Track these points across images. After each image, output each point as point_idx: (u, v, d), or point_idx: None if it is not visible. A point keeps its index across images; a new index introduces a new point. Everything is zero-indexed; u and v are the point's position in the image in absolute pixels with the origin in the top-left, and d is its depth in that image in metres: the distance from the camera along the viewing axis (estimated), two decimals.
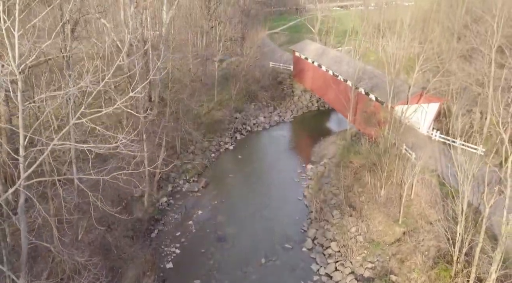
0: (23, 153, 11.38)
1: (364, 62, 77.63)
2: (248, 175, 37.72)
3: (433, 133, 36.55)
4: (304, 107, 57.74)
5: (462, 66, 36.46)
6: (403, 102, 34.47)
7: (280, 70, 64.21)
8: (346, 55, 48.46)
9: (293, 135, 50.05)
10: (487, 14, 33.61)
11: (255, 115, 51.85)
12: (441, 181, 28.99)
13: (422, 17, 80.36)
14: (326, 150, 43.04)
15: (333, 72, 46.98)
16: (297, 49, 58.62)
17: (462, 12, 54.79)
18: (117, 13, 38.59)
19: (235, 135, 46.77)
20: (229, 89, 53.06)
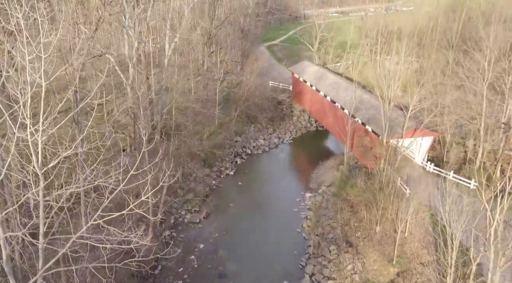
0: (43, 245, 12.45)
1: (362, 79, 78.98)
2: (248, 204, 38.78)
3: (427, 164, 37.62)
4: (302, 128, 58.86)
5: (456, 100, 37.51)
6: (398, 136, 35.60)
7: (280, 89, 65.39)
8: (344, 81, 49.45)
9: (292, 159, 51.17)
10: (478, 52, 34.69)
11: (255, 138, 52.96)
12: (434, 219, 30.07)
13: (419, 33, 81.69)
14: (324, 176, 44.16)
15: (331, 98, 48.09)
16: (296, 70, 59.74)
17: (457, 38, 55.97)
18: (121, 48, 39.62)
19: (236, 159, 47.87)
20: (229, 110, 54.22)
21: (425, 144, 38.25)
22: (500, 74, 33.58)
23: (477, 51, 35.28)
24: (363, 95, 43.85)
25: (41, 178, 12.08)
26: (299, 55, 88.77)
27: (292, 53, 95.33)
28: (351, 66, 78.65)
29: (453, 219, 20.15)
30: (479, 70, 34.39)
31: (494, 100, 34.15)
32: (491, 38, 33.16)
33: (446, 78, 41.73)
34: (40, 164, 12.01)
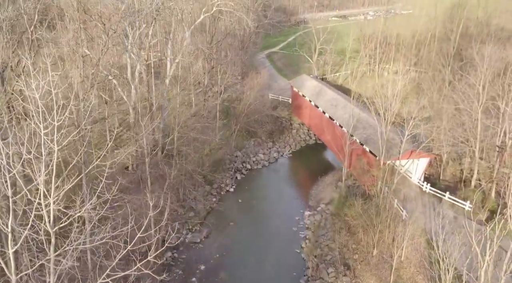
0: None
1: (361, 89, 79.62)
2: (248, 223, 39.51)
3: (424, 184, 38.33)
4: (302, 141, 59.60)
5: (451, 122, 38.23)
6: (395, 158, 36.34)
7: (279, 101, 66.09)
8: (343, 97, 50.14)
9: (292, 174, 51.94)
10: (473, 75, 35.39)
11: (254, 152, 53.66)
12: (430, 242, 30.76)
13: (417, 44, 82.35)
14: (323, 193, 44.89)
15: (329, 116, 48.82)
16: (295, 85, 60.47)
17: (453, 53, 56.70)
18: (124, 71, 40.34)
19: (236, 175, 48.57)
20: (229, 124, 54.99)
21: (421, 164, 38.99)
22: (495, 98, 34.32)
23: (472, 73, 35.95)
24: (361, 113, 44.53)
25: (53, 236, 12.81)
26: (298, 65, 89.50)
27: (291, 62, 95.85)
28: (350, 76, 79.45)
29: (446, 255, 20.83)
30: (474, 95, 35.11)
31: (489, 124, 34.85)
32: (485, 64, 33.87)
33: (443, 99, 42.36)
34: (52, 223, 12.74)
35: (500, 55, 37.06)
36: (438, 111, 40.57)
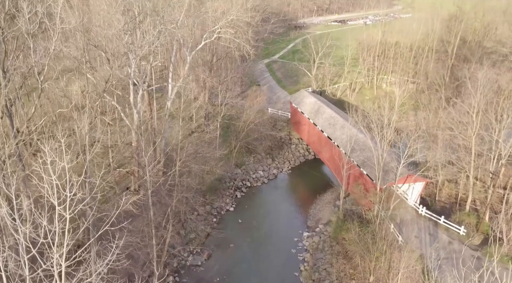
0: None
1: (359, 101, 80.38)
2: (248, 244, 40.37)
3: (419, 207, 39.21)
4: (301, 156, 60.49)
5: (446, 146, 39.11)
6: (391, 183, 37.24)
7: (278, 116, 67.00)
8: (340, 117, 50.95)
9: (291, 192, 52.80)
10: (466, 103, 36.24)
11: (254, 169, 54.54)
12: (425, 270, 31.65)
13: (415, 55, 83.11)
14: (321, 212, 45.78)
15: (327, 135, 49.69)
16: (294, 101, 61.37)
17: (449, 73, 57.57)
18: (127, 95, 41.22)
19: (236, 193, 49.45)
20: (229, 140, 55.89)
21: (417, 187, 39.87)
22: (488, 126, 35.21)
23: (466, 96, 36.66)
24: (358, 134, 45.35)
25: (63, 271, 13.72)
26: (297, 76, 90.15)
27: (291, 72, 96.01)
28: (349, 89, 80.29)
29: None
30: (467, 121, 36.00)
31: (482, 151, 35.74)
32: (478, 93, 34.74)
33: (438, 121, 43.11)
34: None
35: (493, 79, 37.78)
36: (434, 136, 41.40)
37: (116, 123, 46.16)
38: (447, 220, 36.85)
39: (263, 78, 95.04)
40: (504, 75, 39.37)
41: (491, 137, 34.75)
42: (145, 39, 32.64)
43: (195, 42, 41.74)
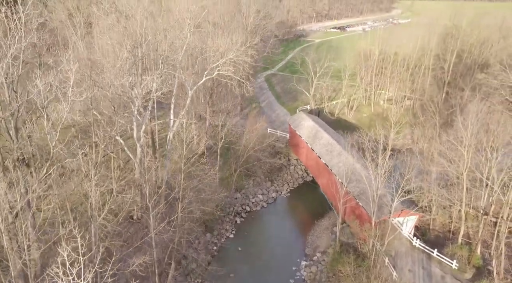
0: None
1: (356, 120, 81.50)
2: (248, 274, 41.57)
3: (413, 239, 40.48)
4: (299, 178, 61.73)
5: (439, 181, 40.39)
6: (386, 217, 38.52)
7: (277, 136, 68.17)
8: (338, 143, 52.19)
9: (289, 216, 54.02)
10: (458, 143, 37.45)
11: (253, 193, 55.80)
12: None
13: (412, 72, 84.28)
14: (319, 240, 47.04)
15: (325, 162, 50.95)
16: (292, 123, 62.68)
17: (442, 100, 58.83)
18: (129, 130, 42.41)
19: (235, 218, 50.71)
20: (229, 162, 57.19)
21: (411, 219, 41.15)
22: (478, 165, 36.45)
23: (458, 133, 37.85)
24: (355, 164, 46.62)
25: None
26: (296, 91, 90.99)
27: (290, 87, 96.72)
28: (346, 107, 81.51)
29: None
30: (458, 159, 37.27)
31: (472, 188, 37.02)
32: (468, 132, 35.99)
33: (431, 157, 44.28)
34: None
35: (483, 119, 38.86)
36: (428, 172, 42.64)
37: (120, 155, 47.41)
38: (440, 252, 38.12)
39: (263, 93, 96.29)
40: (494, 113, 40.63)
41: (481, 174, 36.01)
42: (148, 80, 33.96)
43: (197, 76, 42.98)
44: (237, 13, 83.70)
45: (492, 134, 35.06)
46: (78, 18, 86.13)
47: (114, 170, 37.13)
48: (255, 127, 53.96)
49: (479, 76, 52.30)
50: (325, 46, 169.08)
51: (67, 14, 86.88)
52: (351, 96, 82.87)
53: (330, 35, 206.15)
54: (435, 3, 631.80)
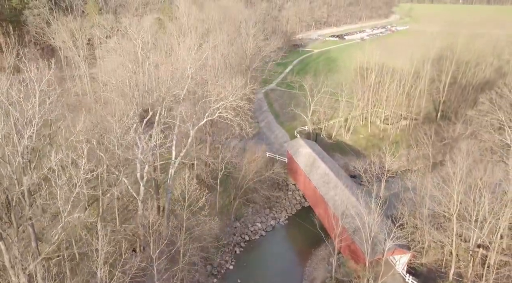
0: None
1: (353, 141, 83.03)
2: None
3: (406, 276, 42.14)
4: (297, 204, 63.34)
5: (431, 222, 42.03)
6: (379, 257, 40.15)
7: (276, 160, 69.74)
8: (334, 174, 53.78)
9: (287, 246, 55.60)
10: (448, 185, 39.10)
11: (252, 221, 57.38)
12: None
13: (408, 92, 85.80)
14: (315, 271, 48.67)
15: (321, 194, 52.56)
16: (290, 149, 64.33)
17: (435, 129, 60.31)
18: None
19: (235, 249, 52.28)
20: (229, 189, 58.84)
21: (404, 256, 42.81)
22: (467, 206, 38.11)
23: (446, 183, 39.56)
24: (350, 197, 48.26)
25: None
26: (295, 100, 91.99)
27: (288, 104, 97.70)
28: (343, 128, 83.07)
29: None
30: (448, 201, 38.95)
31: (463, 230, 38.68)
32: (458, 177, 37.66)
33: (423, 196, 45.79)
34: None
35: (472, 166, 40.41)
36: (421, 211, 44.25)
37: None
38: None
39: (262, 111, 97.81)
40: (484, 151, 42.29)
41: (470, 217, 37.68)
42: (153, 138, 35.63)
43: (198, 117, 44.61)
44: (237, 36, 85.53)
45: (480, 180, 36.68)
46: (80, 40, 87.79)
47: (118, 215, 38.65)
48: (254, 157, 55.53)
49: (469, 112, 53.80)
50: (323, 58, 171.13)
51: (70, 35, 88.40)
52: (349, 114, 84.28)
53: (328, 44, 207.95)
54: (433, 6, 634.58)
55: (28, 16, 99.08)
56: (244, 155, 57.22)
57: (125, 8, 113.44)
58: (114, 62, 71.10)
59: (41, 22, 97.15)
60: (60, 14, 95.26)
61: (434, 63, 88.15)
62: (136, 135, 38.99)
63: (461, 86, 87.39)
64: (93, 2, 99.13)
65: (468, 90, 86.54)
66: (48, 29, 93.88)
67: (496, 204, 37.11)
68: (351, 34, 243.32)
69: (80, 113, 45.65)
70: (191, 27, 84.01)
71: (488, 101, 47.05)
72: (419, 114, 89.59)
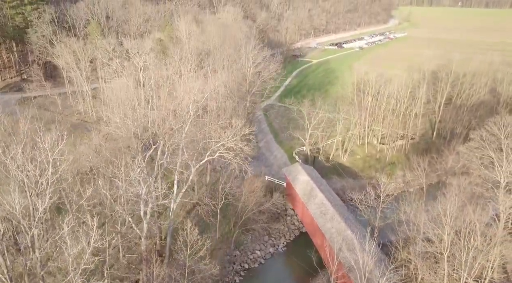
0: None
1: (350, 163, 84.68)
2: None
3: None
4: (296, 229, 65.07)
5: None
6: None
7: (274, 184, 71.42)
8: (331, 205, 55.45)
9: (285, 274, 57.28)
10: (439, 226, 40.88)
11: (252, 249, 59.08)
12: None
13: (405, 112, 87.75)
14: None
15: (318, 225, 54.29)
16: (289, 175, 66.07)
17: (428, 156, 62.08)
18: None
19: (235, 278, 54.04)
20: (228, 216, 60.58)
21: None
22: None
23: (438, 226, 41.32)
24: (347, 230, 49.98)
25: None
26: (294, 127, 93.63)
27: (287, 123, 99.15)
28: (341, 149, 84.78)
29: None
30: (440, 242, 40.75)
31: (453, 271, 40.50)
32: (448, 219, 39.47)
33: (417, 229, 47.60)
34: None
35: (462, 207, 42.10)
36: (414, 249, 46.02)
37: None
38: None
39: (261, 129, 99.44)
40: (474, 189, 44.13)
41: (460, 258, 39.49)
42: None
43: (199, 154, 46.40)
44: (237, 58, 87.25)
45: (469, 223, 38.49)
46: (83, 61, 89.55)
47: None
48: (253, 187, 57.27)
49: (461, 148, 55.59)
50: (322, 69, 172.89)
51: (73, 56, 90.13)
52: (347, 133, 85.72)
53: (327, 53, 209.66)
54: (432, 9, 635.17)
55: (31, 36, 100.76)
56: (244, 184, 58.90)
57: (127, 25, 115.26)
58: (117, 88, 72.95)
59: (45, 42, 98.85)
60: (63, 35, 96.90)
61: (430, 83, 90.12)
62: (140, 177, 40.70)
63: (456, 106, 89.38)
64: (96, 23, 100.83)
65: (463, 110, 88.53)
66: (51, 48, 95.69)
67: (485, 246, 38.91)
68: (350, 42, 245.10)
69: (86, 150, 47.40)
70: (192, 50, 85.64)
71: (479, 138, 48.85)
72: (416, 133, 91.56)
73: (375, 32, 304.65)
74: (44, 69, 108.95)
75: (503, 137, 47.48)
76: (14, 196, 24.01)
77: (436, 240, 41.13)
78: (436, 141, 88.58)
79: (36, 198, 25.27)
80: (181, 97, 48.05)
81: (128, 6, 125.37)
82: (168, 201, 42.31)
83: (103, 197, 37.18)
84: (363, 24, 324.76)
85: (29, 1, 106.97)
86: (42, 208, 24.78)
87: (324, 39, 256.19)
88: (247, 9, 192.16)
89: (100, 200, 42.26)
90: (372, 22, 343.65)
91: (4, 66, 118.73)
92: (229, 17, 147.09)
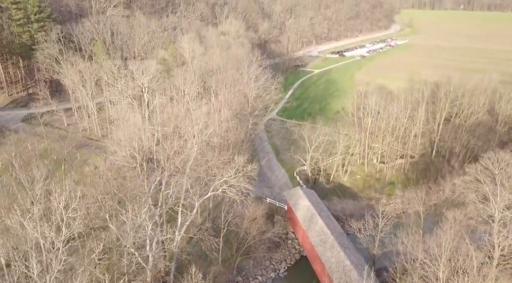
0: None
1: (350, 183, 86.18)
2: None
3: None
4: (296, 253, 66.57)
5: None
6: None
7: (276, 206, 72.92)
8: (331, 234, 56.99)
9: None
10: (435, 265, 42.44)
11: (253, 275, 60.63)
12: None
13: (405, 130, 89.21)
14: None
15: (318, 254, 55.87)
16: (290, 200, 67.67)
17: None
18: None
19: None
20: (230, 241, 62.15)
21: None
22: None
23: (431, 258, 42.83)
24: (345, 261, 51.54)
25: None
26: (295, 145, 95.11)
27: (288, 141, 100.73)
28: (341, 170, 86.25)
29: None
30: (436, 279, 42.30)
31: None
32: (444, 257, 41.04)
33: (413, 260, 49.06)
34: None
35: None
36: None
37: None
38: None
39: (262, 147, 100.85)
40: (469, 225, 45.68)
41: None
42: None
43: (203, 189, 48.11)
44: (239, 77, 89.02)
45: (463, 262, 40.05)
46: (89, 81, 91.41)
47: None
48: (255, 215, 58.94)
49: (457, 181, 57.07)
50: (323, 80, 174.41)
51: (79, 75, 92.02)
52: (347, 152, 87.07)
53: (328, 63, 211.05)
54: (434, 12, 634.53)
55: (38, 56, 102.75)
56: (245, 212, 60.51)
57: (132, 41, 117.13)
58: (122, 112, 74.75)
59: (51, 61, 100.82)
60: (69, 54, 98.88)
61: (429, 102, 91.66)
62: (146, 216, 42.40)
63: (455, 126, 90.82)
64: (101, 41, 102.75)
65: (461, 129, 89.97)
66: (58, 67, 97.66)
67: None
68: (351, 50, 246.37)
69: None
70: (195, 71, 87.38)
71: (474, 173, 50.34)
72: (416, 152, 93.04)
73: (377, 39, 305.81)
74: (50, 85, 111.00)
75: (497, 172, 48.98)
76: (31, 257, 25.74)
77: (432, 277, 42.65)
78: (435, 160, 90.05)
79: (52, 256, 26.98)
80: (186, 135, 49.83)
81: (132, 20, 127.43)
82: (172, 236, 43.79)
83: (111, 244, 38.89)
84: (365, 31, 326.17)
85: (35, 19, 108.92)
86: (56, 269, 26.46)
87: (326, 47, 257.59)
88: (249, 19, 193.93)
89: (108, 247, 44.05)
90: (374, 28, 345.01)
91: (11, 81, 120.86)
92: (232, 29, 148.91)
